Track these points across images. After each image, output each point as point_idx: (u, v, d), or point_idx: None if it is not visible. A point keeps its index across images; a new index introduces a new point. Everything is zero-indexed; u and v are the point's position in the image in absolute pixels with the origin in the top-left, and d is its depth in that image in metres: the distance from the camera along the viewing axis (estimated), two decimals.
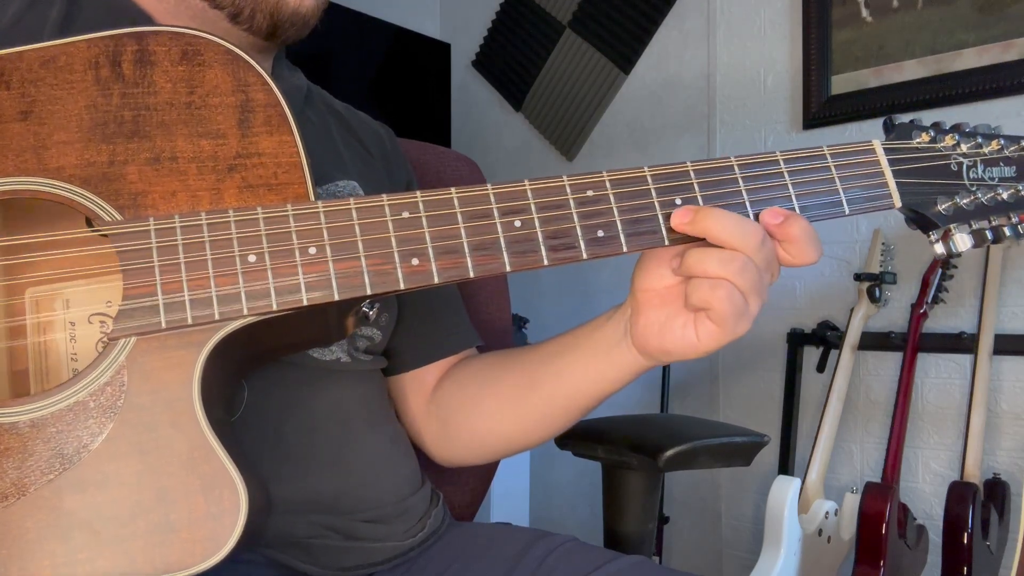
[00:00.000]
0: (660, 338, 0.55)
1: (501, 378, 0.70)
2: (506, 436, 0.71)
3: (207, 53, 0.48)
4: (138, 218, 0.46)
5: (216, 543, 0.43)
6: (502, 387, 0.69)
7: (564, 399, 0.65)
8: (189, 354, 0.45)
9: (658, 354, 0.57)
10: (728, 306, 0.50)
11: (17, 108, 0.46)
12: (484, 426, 0.71)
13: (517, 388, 0.68)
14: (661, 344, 0.55)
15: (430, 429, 0.74)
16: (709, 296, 0.51)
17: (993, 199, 0.55)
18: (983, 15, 1.61)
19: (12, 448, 0.43)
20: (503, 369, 0.71)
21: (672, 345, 0.55)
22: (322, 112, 0.73)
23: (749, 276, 0.50)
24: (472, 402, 0.71)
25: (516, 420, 0.69)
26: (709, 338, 0.53)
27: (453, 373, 0.75)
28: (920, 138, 0.56)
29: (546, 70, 2.41)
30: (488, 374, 0.72)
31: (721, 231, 0.50)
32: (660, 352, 0.56)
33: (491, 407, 0.70)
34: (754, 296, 0.51)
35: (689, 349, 0.54)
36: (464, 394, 0.72)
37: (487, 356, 0.76)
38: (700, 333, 0.53)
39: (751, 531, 1.95)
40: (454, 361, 0.76)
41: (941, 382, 1.67)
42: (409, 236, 0.48)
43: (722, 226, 0.50)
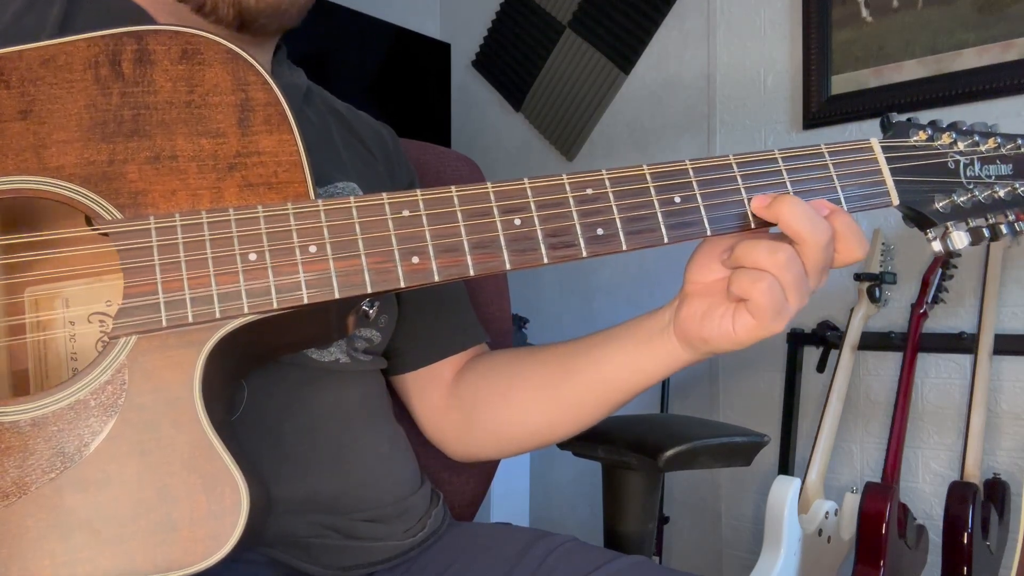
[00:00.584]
0: (700, 326, 0.56)
1: (533, 369, 0.69)
2: (534, 428, 0.70)
3: (207, 52, 0.48)
4: (138, 217, 0.46)
5: (217, 542, 0.43)
6: (535, 377, 0.69)
7: (600, 389, 0.65)
8: (190, 353, 0.45)
9: (697, 342, 0.57)
10: (767, 299, 0.51)
11: (17, 107, 0.46)
12: (513, 417, 0.70)
13: (551, 378, 0.67)
14: (700, 332, 0.56)
15: (450, 424, 0.73)
16: (749, 286, 0.51)
17: (990, 197, 0.55)
18: (983, 15, 1.61)
19: (13, 447, 0.43)
20: (534, 360, 0.70)
21: (709, 333, 0.55)
22: (322, 112, 0.73)
23: (794, 271, 0.51)
24: (501, 393, 0.70)
25: (548, 411, 0.68)
26: (745, 330, 0.53)
27: (475, 366, 0.74)
28: (917, 136, 0.56)
29: (546, 70, 2.41)
30: (518, 366, 0.71)
31: (792, 218, 0.51)
32: (699, 340, 0.57)
33: (522, 398, 0.69)
34: (795, 294, 0.52)
35: (725, 339, 0.55)
36: (491, 386, 0.71)
37: (513, 350, 0.75)
38: (737, 324, 0.53)
39: (751, 531, 1.95)
40: (470, 355, 0.76)
41: (941, 382, 1.67)
42: (409, 234, 0.48)
43: (795, 214, 0.51)
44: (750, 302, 0.52)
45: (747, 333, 0.53)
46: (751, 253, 0.52)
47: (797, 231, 0.51)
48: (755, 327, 0.53)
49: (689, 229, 0.52)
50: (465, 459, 0.76)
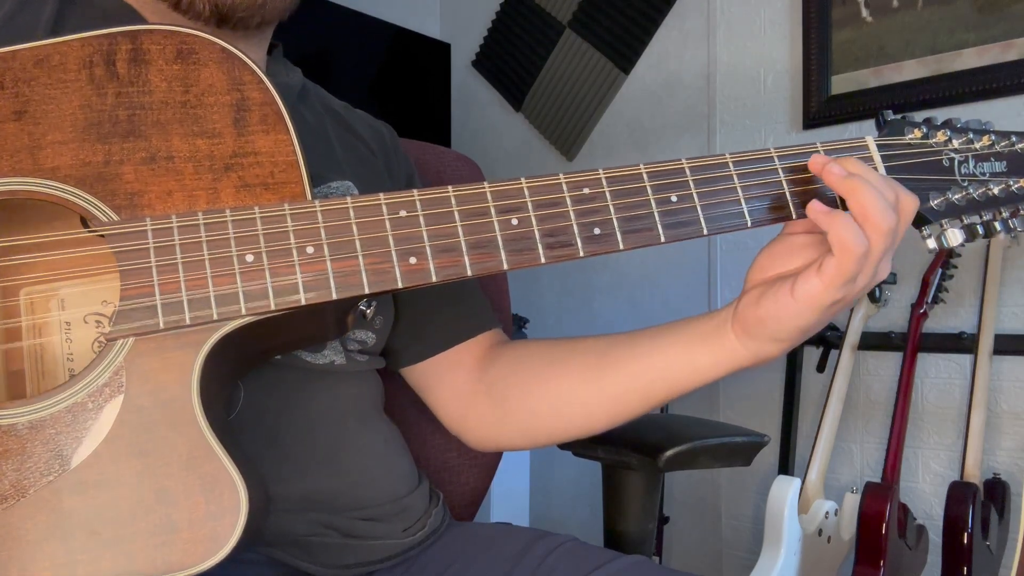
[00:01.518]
0: (757, 306, 0.54)
1: (574, 357, 0.67)
2: (570, 418, 0.68)
3: (202, 51, 0.48)
4: (135, 218, 0.46)
5: (217, 543, 0.43)
6: (576, 366, 0.67)
7: (647, 382, 0.63)
8: (187, 355, 0.45)
9: (753, 325, 0.55)
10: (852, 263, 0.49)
11: (11, 108, 0.46)
12: (550, 406, 0.68)
13: (594, 367, 0.66)
14: (756, 312, 0.54)
15: (477, 412, 0.72)
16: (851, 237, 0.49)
17: (984, 194, 0.55)
18: (983, 15, 1.61)
19: (11, 450, 0.43)
20: (575, 349, 0.68)
21: (765, 308, 0.54)
22: (318, 111, 0.73)
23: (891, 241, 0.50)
24: (537, 381, 0.69)
25: (587, 401, 0.66)
26: (806, 294, 0.51)
27: (506, 352, 0.73)
28: (912, 134, 0.56)
29: (546, 70, 2.41)
30: (557, 353, 0.69)
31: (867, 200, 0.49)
32: (755, 322, 0.55)
33: (561, 386, 0.67)
34: (870, 269, 0.50)
35: (783, 309, 0.52)
36: (526, 373, 0.70)
37: (548, 340, 0.73)
38: (797, 289, 0.52)
39: (751, 531, 1.95)
40: (490, 340, 0.74)
41: (941, 382, 1.67)
42: (406, 235, 0.48)
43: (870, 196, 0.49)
44: (831, 258, 0.50)
45: (807, 296, 0.51)
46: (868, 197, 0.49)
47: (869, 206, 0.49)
48: (821, 289, 0.50)
49: (686, 228, 0.52)
50: (487, 448, 0.74)
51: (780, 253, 0.56)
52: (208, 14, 0.59)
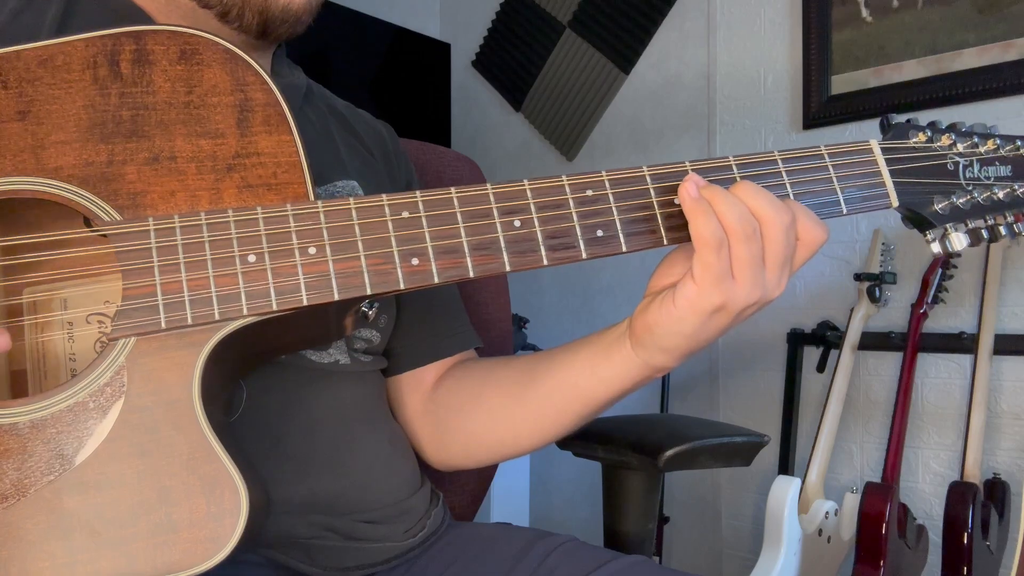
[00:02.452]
0: (645, 314, 0.54)
1: (502, 375, 0.69)
2: (500, 436, 0.69)
3: (205, 52, 0.48)
4: (137, 218, 0.46)
5: (217, 544, 0.43)
6: (503, 384, 0.68)
7: (560, 396, 0.64)
8: (189, 354, 0.45)
9: (642, 333, 0.55)
10: (711, 255, 0.49)
11: (15, 108, 0.46)
12: (480, 426, 0.70)
13: (516, 385, 0.67)
14: (644, 319, 0.54)
15: (426, 431, 0.73)
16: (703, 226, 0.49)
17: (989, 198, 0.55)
18: (983, 15, 1.61)
19: (12, 449, 0.43)
20: (504, 368, 0.70)
21: (653, 317, 0.53)
22: (322, 111, 0.73)
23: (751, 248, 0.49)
24: (470, 401, 0.70)
25: (511, 420, 0.68)
26: (684, 299, 0.51)
27: (453, 372, 0.74)
28: (917, 138, 0.56)
29: (546, 70, 2.41)
30: (489, 373, 0.71)
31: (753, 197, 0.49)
32: (643, 330, 0.55)
33: (489, 405, 0.69)
34: (745, 271, 0.50)
35: (666, 316, 0.52)
36: (462, 394, 0.71)
37: (492, 359, 0.75)
38: (677, 296, 0.51)
39: (751, 531, 1.95)
40: (453, 362, 0.76)
41: (941, 382, 1.67)
42: (409, 236, 0.48)
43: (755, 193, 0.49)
44: (695, 258, 0.50)
45: (686, 302, 0.51)
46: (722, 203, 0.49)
47: (758, 207, 0.49)
48: (696, 293, 0.50)
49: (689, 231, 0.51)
50: (440, 467, 0.75)
51: (678, 260, 0.55)
52: (254, 26, 0.60)
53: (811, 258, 0.53)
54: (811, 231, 0.52)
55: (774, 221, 0.50)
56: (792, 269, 0.52)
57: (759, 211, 0.50)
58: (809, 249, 0.52)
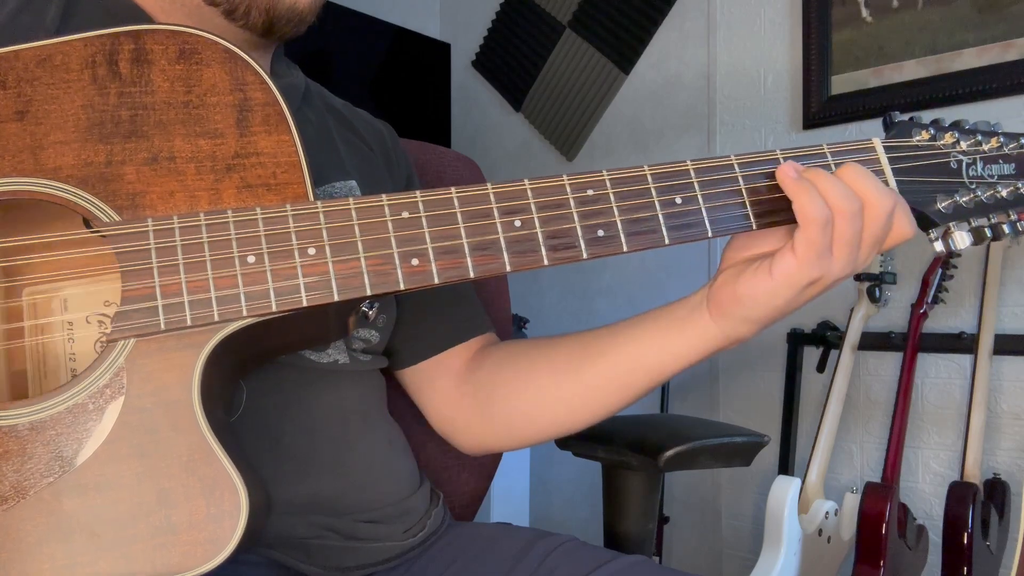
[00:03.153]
0: (734, 285, 0.54)
1: (555, 352, 0.68)
2: (553, 413, 0.68)
3: (204, 51, 0.48)
4: (136, 219, 0.45)
5: (217, 545, 0.43)
6: (557, 361, 0.67)
7: (624, 371, 0.63)
8: (189, 356, 0.45)
9: (728, 304, 0.55)
10: (817, 232, 0.50)
11: (13, 108, 0.46)
12: (532, 403, 0.68)
13: (573, 361, 0.66)
14: (734, 290, 0.54)
15: (463, 414, 0.72)
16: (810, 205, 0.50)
17: (992, 197, 0.54)
18: (983, 15, 1.61)
19: (11, 451, 0.42)
20: (556, 345, 0.68)
21: (743, 287, 0.53)
22: (320, 111, 0.73)
23: (855, 225, 0.50)
24: (519, 379, 0.69)
25: (569, 395, 0.66)
26: (783, 272, 0.51)
27: (490, 354, 0.73)
28: (920, 136, 0.56)
29: (546, 70, 2.41)
30: (539, 350, 0.69)
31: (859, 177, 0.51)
32: (731, 300, 0.55)
33: (543, 382, 0.67)
34: (844, 248, 0.51)
35: (760, 288, 0.53)
36: (509, 372, 0.70)
37: (532, 339, 0.73)
38: (775, 267, 0.52)
39: (751, 531, 1.95)
40: (479, 344, 0.75)
41: (941, 382, 1.67)
42: (409, 236, 0.48)
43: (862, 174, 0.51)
44: (799, 234, 0.50)
45: (784, 275, 0.51)
46: (826, 183, 0.50)
47: (864, 189, 0.51)
48: (796, 267, 0.51)
49: (690, 230, 0.51)
50: (476, 451, 0.74)
51: (757, 235, 0.55)
52: (260, 25, 0.60)
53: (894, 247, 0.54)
54: (904, 223, 0.53)
55: (878, 204, 0.51)
56: (880, 251, 0.54)
57: (865, 192, 0.51)
58: (897, 239, 0.54)
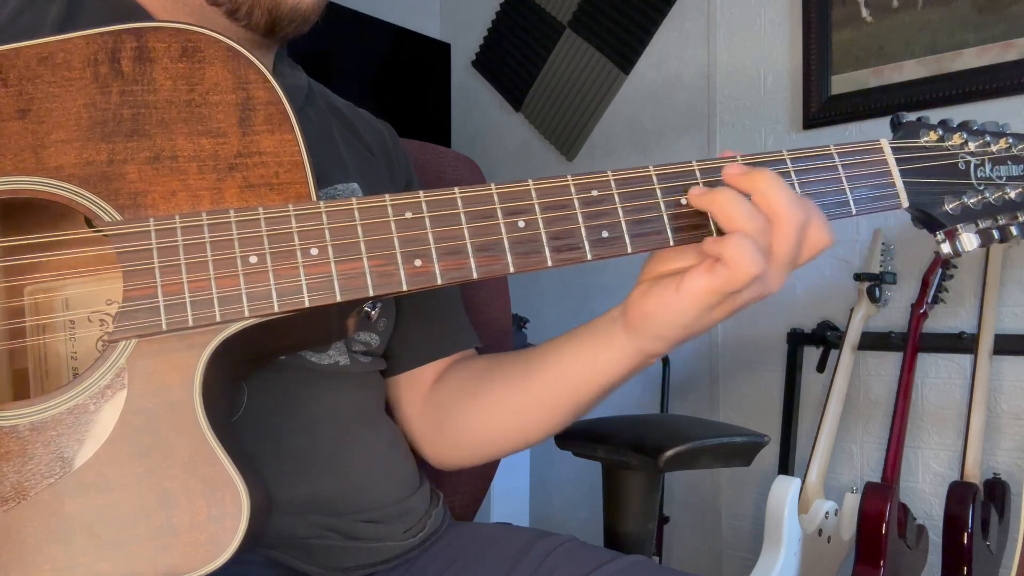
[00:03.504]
0: (642, 301, 0.54)
1: (498, 372, 0.69)
2: (499, 431, 0.69)
3: (207, 50, 0.48)
4: (138, 218, 0.45)
5: (218, 547, 0.43)
6: (498, 381, 0.68)
7: (556, 389, 0.64)
8: (190, 356, 0.44)
9: (638, 321, 0.54)
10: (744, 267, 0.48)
11: (15, 106, 0.45)
12: (478, 423, 0.69)
13: (515, 379, 0.67)
14: (642, 307, 0.54)
15: (425, 430, 0.73)
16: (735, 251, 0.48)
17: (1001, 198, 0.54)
18: (983, 15, 1.61)
19: (12, 451, 0.42)
20: (502, 364, 0.69)
21: (650, 303, 0.53)
22: (323, 111, 0.72)
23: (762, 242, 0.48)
24: (468, 398, 0.70)
25: (509, 415, 0.67)
26: (689, 292, 0.50)
27: (451, 371, 0.74)
28: (928, 136, 0.55)
29: (546, 70, 2.41)
30: (487, 370, 0.70)
31: (771, 188, 0.48)
32: (639, 317, 0.54)
33: (488, 400, 0.68)
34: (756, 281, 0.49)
35: (665, 306, 0.52)
36: (460, 391, 0.71)
37: (488, 355, 0.75)
38: (682, 286, 0.50)
39: (751, 531, 1.95)
40: (451, 361, 0.75)
41: (941, 382, 1.67)
42: (412, 237, 0.47)
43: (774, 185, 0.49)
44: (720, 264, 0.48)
45: (691, 295, 0.50)
46: (731, 206, 0.48)
47: (773, 204, 0.48)
48: (704, 289, 0.49)
49: (696, 232, 0.51)
50: (442, 467, 0.75)
51: (674, 248, 0.54)
52: (263, 24, 0.60)
53: (811, 260, 0.52)
54: (819, 235, 0.51)
55: (787, 219, 0.49)
56: (794, 267, 0.52)
57: (773, 207, 0.49)
58: (813, 252, 0.52)
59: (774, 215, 0.49)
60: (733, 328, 1.98)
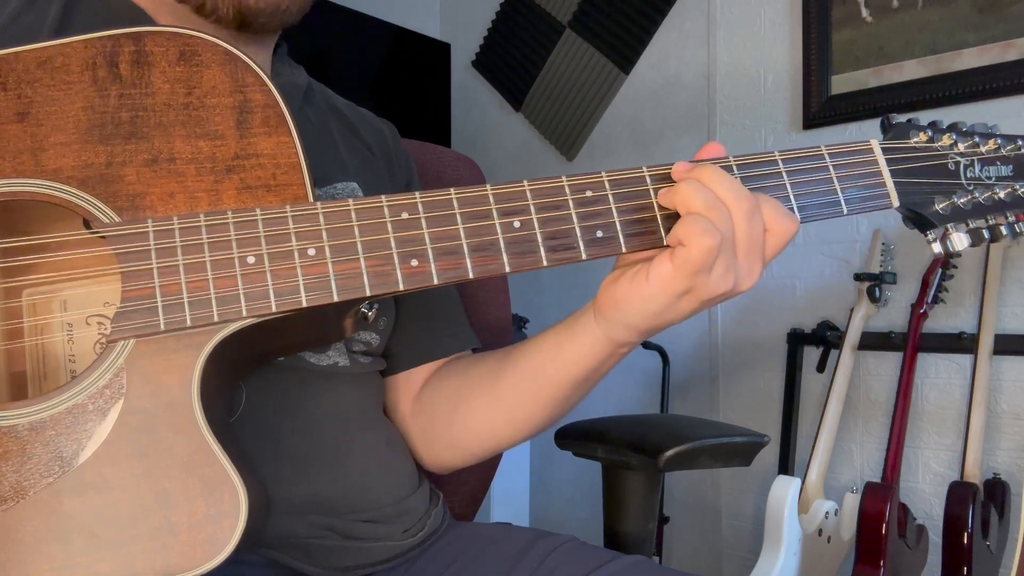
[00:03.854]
0: (612, 288, 0.54)
1: (477, 372, 0.69)
2: (479, 430, 0.69)
3: (205, 53, 0.48)
4: (136, 220, 0.45)
5: (216, 546, 0.43)
6: (477, 381, 0.68)
7: (532, 384, 0.63)
8: (188, 356, 0.45)
9: (608, 308, 0.55)
10: (697, 240, 0.48)
11: (14, 109, 0.46)
12: (462, 424, 0.69)
13: (489, 379, 0.67)
14: (612, 295, 0.54)
15: (416, 432, 0.73)
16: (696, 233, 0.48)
17: (990, 198, 0.55)
18: (983, 15, 1.61)
19: (11, 451, 0.43)
20: (480, 363, 0.69)
21: (620, 291, 0.53)
22: (322, 110, 0.73)
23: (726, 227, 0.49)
24: (450, 400, 0.70)
25: (489, 414, 0.67)
26: (658, 278, 0.50)
27: (439, 373, 0.74)
28: (918, 137, 0.56)
29: (546, 70, 2.41)
30: (466, 371, 0.71)
31: (713, 180, 0.49)
32: (610, 304, 0.54)
33: (467, 403, 0.68)
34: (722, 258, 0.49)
35: (635, 294, 0.52)
36: (443, 393, 0.71)
37: (470, 356, 0.74)
38: (651, 273, 0.51)
39: (751, 531, 1.95)
40: (444, 363, 0.75)
41: (941, 382, 1.67)
42: (408, 237, 0.48)
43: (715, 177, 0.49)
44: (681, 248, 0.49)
45: (659, 281, 0.50)
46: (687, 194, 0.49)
47: (719, 193, 0.49)
48: (671, 275, 0.50)
49: None
50: (434, 468, 0.75)
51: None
52: (231, 19, 0.59)
53: (783, 249, 0.52)
54: (778, 221, 0.51)
55: (735, 207, 0.49)
56: (765, 260, 0.52)
57: (720, 195, 0.49)
58: (780, 239, 0.52)
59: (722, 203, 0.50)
60: (733, 328, 1.98)
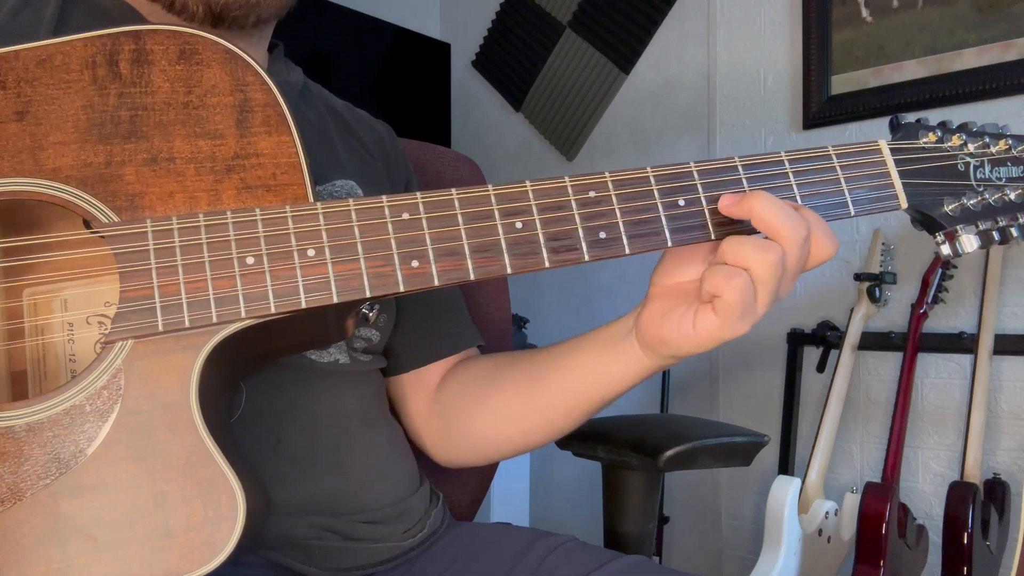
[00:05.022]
0: (659, 327, 0.55)
1: (507, 376, 0.69)
2: (507, 436, 0.70)
3: (205, 52, 0.48)
4: (135, 220, 0.45)
5: (213, 548, 0.43)
6: (507, 385, 0.68)
7: (567, 397, 0.64)
8: (187, 357, 0.44)
9: (656, 344, 0.56)
10: (738, 296, 0.49)
11: (13, 108, 0.46)
12: (487, 425, 0.70)
13: (522, 385, 0.67)
14: (659, 332, 0.55)
15: (432, 429, 0.73)
16: (723, 283, 0.49)
17: (1000, 199, 0.54)
18: (983, 15, 1.61)
19: (8, 452, 0.42)
20: (509, 367, 0.70)
21: (669, 333, 0.54)
22: (320, 110, 0.72)
23: (775, 271, 0.49)
24: (476, 400, 0.70)
25: (519, 419, 0.68)
26: (706, 330, 0.52)
27: (457, 372, 0.74)
28: (927, 138, 0.55)
29: (546, 70, 2.41)
30: (494, 372, 0.71)
31: (767, 212, 0.49)
32: (657, 341, 0.56)
33: (495, 405, 0.69)
34: (768, 296, 0.50)
35: (684, 339, 0.53)
36: (468, 392, 0.71)
37: (494, 356, 0.75)
38: (698, 324, 0.52)
39: (751, 531, 1.95)
40: (456, 360, 0.75)
41: (941, 382, 1.67)
42: (409, 238, 0.47)
43: (770, 208, 0.49)
44: (719, 300, 0.50)
45: (708, 333, 0.52)
46: (740, 249, 0.49)
47: (774, 226, 0.49)
48: (718, 327, 0.51)
49: (693, 232, 0.51)
50: (449, 465, 0.75)
51: (684, 255, 0.55)
52: (202, 15, 0.59)
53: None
54: (823, 246, 0.52)
55: (790, 239, 0.50)
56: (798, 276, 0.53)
57: (775, 229, 0.50)
58: (817, 261, 0.53)
59: (776, 236, 0.50)
60: None
